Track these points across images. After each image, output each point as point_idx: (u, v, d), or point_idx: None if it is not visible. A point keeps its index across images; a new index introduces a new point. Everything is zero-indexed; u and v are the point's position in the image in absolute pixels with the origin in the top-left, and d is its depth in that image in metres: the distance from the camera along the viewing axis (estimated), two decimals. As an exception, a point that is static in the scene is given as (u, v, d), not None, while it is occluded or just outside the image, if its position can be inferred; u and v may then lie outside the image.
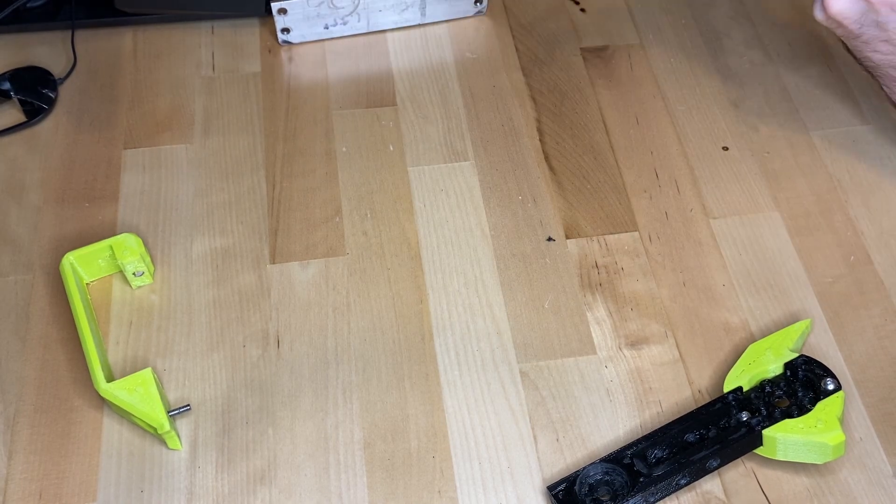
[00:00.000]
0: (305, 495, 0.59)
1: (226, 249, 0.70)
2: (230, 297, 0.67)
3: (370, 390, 0.63)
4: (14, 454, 0.60)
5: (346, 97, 0.80)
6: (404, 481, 0.60)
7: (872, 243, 0.71)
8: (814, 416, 0.59)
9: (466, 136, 0.77)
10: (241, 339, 0.66)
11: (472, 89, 0.81)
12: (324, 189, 0.74)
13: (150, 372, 0.60)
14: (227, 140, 0.77)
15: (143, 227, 0.71)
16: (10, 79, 0.79)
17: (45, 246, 0.70)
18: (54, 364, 0.64)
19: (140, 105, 0.79)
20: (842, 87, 0.81)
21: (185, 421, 0.62)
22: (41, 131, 0.77)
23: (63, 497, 0.59)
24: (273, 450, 0.61)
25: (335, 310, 0.67)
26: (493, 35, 0.85)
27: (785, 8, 0.87)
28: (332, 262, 0.69)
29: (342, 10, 0.82)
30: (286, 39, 0.83)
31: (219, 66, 0.82)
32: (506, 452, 0.61)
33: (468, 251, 0.70)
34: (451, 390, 0.63)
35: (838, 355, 0.65)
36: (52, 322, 0.66)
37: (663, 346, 0.66)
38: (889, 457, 0.61)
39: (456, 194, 0.74)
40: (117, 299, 0.67)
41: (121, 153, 0.76)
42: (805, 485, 0.60)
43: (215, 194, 0.73)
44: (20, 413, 0.62)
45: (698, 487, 0.59)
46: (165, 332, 0.66)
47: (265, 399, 0.63)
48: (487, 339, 0.66)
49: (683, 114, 0.79)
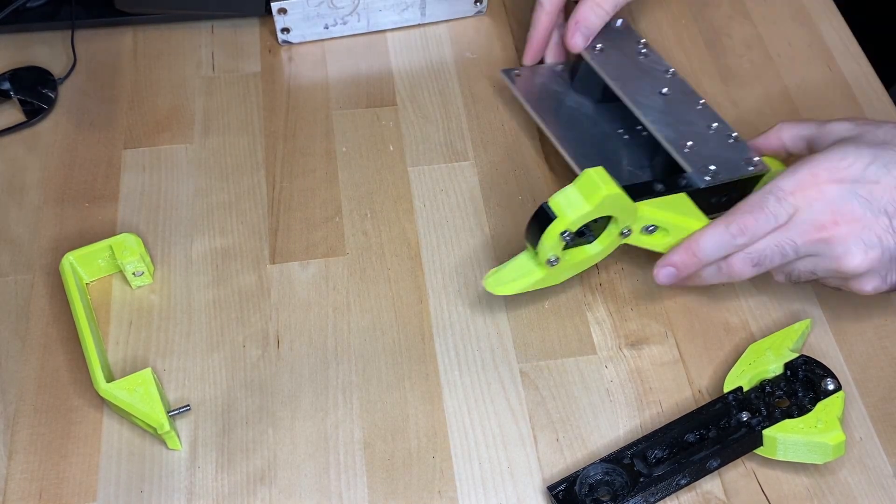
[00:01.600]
0: (305, 495, 0.59)
1: (226, 249, 0.70)
2: (230, 297, 0.67)
3: (370, 390, 0.63)
4: (14, 454, 0.60)
5: (346, 97, 0.80)
6: (404, 481, 0.60)
7: None
8: (814, 417, 0.59)
9: (466, 136, 0.77)
10: (241, 339, 0.66)
11: (472, 89, 0.81)
12: (324, 189, 0.74)
13: (150, 372, 0.60)
14: (227, 140, 0.77)
15: (143, 227, 0.71)
16: (10, 79, 0.79)
17: (44, 246, 0.70)
18: (54, 364, 0.64)
19: (140, 105, 0.79)
20: (842, 87, 0.81)
21: (184, 421, 0.62)
22: (41, 131, 0.77)
23: (63, 497, 0.59)
24: (273, 450, 0.61)
25: (335, 310, 0.67)
26: (493, 35, 0.85)
27: (785, 7, 0.87)
28: (332, 262, 0.69)
29: (342, 10, 0.82)
30: (286, 39, 0.83)
31: (219, 66, 0.82)
32: (506, 452, 0.61)
33: (468, 251, 0.70)
34: (451, 390, 0.63)
35: (838, 355, 0.65)
36: (52, 322, 0.66)
37: (663, 346, 0.66)
38: (889, 457, 0.61)
39: (456, 194, 0.74)
40: (117, 299, 0.67)
41: (121, 153, 0.76)
42: (805, 485, 0.60)
43: (215, 194, 0.73)
44: (20, 413, 0.62)
45: (698, 487, 0.59)
46: (165, 332, 0.66)
47: (265, 399, 0.63)
48: (487, 339, 0.66)
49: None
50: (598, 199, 0.58)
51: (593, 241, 0.62)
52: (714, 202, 0.66)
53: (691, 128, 0.69)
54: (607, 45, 0.74)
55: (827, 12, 0.87)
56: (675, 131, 0.68)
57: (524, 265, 0.63)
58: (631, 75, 0.72)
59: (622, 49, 0.74)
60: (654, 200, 0.62)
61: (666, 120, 0.69)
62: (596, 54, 0.74)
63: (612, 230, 0.61)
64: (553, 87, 0.77)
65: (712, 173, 0.66)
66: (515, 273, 0.62)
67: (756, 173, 0.66)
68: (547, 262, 0.60)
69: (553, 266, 0.61)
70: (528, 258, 0.62)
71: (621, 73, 0.72)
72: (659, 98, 0.71)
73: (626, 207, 0.60)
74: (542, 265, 0.61)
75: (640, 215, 0.61)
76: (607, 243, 0.62)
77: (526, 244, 0.62)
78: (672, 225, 0.63)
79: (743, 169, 0.66)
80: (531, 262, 0.62)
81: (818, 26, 0.86)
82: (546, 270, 0.61)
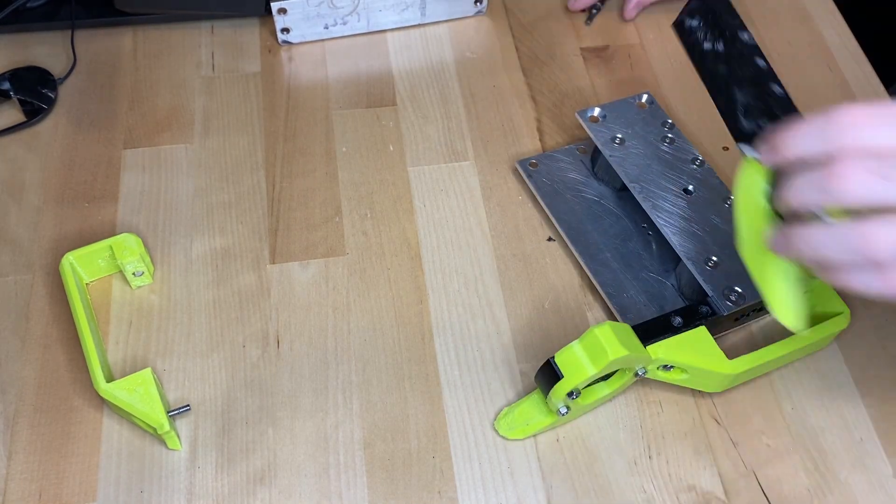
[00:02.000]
0: (305, 495, 0.59)
1: (225, 249, 0.70)
2: (230, 298, 0.67)
3: (370, 390, 0.63)
4: (14, 454, 0.60)
5: (346, 97, 0.80)
6: (404, 481, 0.60)
7: None
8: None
9: (466, 136, 0.77)
10: (241, 339, 0.66)
11: (472, 89, 0.81)
12: (324, 189, 0.74)
13: (150, 372, 0.60)
14: (227, 140, 0.77)
15: (143, 227, 0.71)
16: (10, 79, 0.79)
17: (44, 246, 0.70)
18: (54, 364, 0.64)
19: (140, 105, 0.79)
20: (843, 88, 0.81)
21: (184, 421, 0.62)
22: (41, 131, 0.77)
23: (63, 497, 0.59)
24: (273, 450, 0.61)
25: (335, 310, 0.67)
26: (493, 35, 0.85)
27: (785, 8, 0.87)
28: (332, 262, 0.69)
29: (342, 10, 0.82)
30: (286, 39, 0.83)
31: (219, 66, 0.82)
32: (506, 452, 0.61)
33: (468, 251, 0.70)
34: (451, 390, 0.63)
35: (839, 355, 0.65)
36: (52, 322, 0.66)
37: (663, 346, 0.66)
38: (889, 457, 0.61)
39: (456, 194, 0.74)
40: (117, 299, 0.67)
41: (121, 153, 0.76)
42: (805, 485, 0.60)
43: (215, 194, 0.73)
44: (20, 413, 0.62)
45: (698, 487, 0.59)
46: (165, 333, 0.66)
47: (265, 399, 0.63)
48: (487, 339, 0.66)
49: (684, 114, 0.79)
50: (603, 364, 0.56)
51: (607, 380, 0.61)
52: (737, 320, 0.64)
53: (716, 237, 0.65)
54: (629, 134, 0.70)
55: (827, 12, 0.87)
56: (698, 244, 0.64)
57: (535, 410, 0.61)
58: (653, 172, 0.68)
59: (645, 137, 0.70)
60: (669, 340, 0.60)
61: (689, 229, 0.65)
62: (615, 147, 0.69)
63: (625, 373, 0.60)
64: (572, 175, 0.73)
65: (735, 299, 0.62)
66: (528, 417, 0.61)
67: None
68: (557, 411, 0.59)
69: (563, 415, 0.60)
70: (539, 402, 0.61)
71: (642, 171, 0.68)
72: (682, 200, 0.67)
73: (637, 358, 0.58)
74: (553, 413, 0.60)
75: (655, 357, 0.59)
76: (620, 384, 0.61)
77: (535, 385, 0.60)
78: (688, 366, 0.60)
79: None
80: (542, 406, 0.61)
81: (818, 26, 0.86)
82: (557, 417, 0.60)
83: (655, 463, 0.60)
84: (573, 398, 0.58)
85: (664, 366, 0.60)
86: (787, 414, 0.63)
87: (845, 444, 0.61)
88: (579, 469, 0.60)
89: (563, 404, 0.58)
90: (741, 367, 0.61)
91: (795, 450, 0.61)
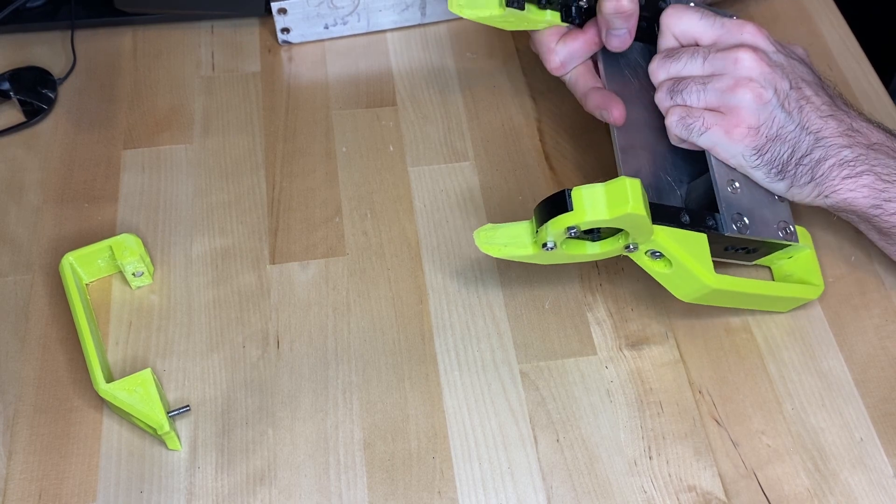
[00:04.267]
0: (305, 496, 0.59)
1: (225, 249, 0.70)
2: (230, 298, 0.67)
3: (370, 390, 0.63)
4: (14, 454, 0.60)
5: (346, 97, 0.80)
6: (404, 482, 0.60)
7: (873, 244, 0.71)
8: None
9: (466, 136, 0.77)
10: (241, 339, 0.66)
11: (472, 89, 0.81)
12: (324, 189, 0.74)
13: (150, 372, 0.60)
14: (226, 140, 0.77)
15: (143, 227, 0.71)
16: (10, 79, 0.79)
17: (44, 246, 0.70)
18: (54, 364, 0.64)
19: (140, 105, 0.79)
20: (843, 86, 0.81)
21: (184, 421, 0.62)
22: (41, 131, 0.77)
23: (63, 497, 0.59)
24: (273, 450, 0.61)
25: (335, 310, 0.67)
26: (493, 35, 0.85)
27: (785, 8, 0.87)
28: (332, 263, 0.69)
29: (342, 10, 0.82)
30: (286, 39, 0.83)
31: (218, 65, 0.82)
32: (506, 452, 0.61)
33: (468, 251, 0.70)
34: (451, 391, 0.63)
35: (839, 355, 0.65)
36: (52, 322, 0.66)
37: (664, 346, 0.66)
38: (890, 457, 0.61)
39: (456, 194, 0.74)
40: (117, 300, 0.67)
41: (120, 153, 0.76)
42: (805, 485, 0.60)
43: (215, 194, 0.73)
44: (20, 413, 0.62)
45: (698, 488, 0.59)
46: (165, 333, 0.66)
47: (265, 399, 0.63)
48: (487, 339, 0.66)
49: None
50: (620, 213, 0.55)
51: (597, 241, 0.60)
52: (726, 250, 0.64)
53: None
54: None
55: (827, 12, 0.87)
56: (730, 167, 0.64)
57: (519, 236, 0.60)
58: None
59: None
60: (673, 231, 0.60)
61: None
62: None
63: (618, 240, 0.60)
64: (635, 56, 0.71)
65: (741, 226, 0.62)
66: (508, 240, 0.60)
67: (783, 241, 0.64)
68: (543, 245, 0.59)
69: (547, 251, 0.59)
70: (526, 231, 0.60)
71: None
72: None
73: (643, 228, 0.58)
74: (537, 245, 0.59)
75: (654, 239, 0.59)
76: (608, 249, 0.60)
77: (532, 216, 0.60)
78: (677, 261, 0.60)
79: (773, 232, 0.63)
80: (527, 235, 0.60)
81: (818, 26, 0.86)
82: (538, 250, 0.59)
83: (655, 463, 0.60)
84: (570, 236, 0.57)
85: (653, 252, 0.60)
86: (787, 414, 0.63)
87: (845, 444, 0.61)
88: (579, 469, 0.60)
89: (553, 240, 0.58)
90: (722, 283, 0.61)
91: (795, 450, 0.61)
